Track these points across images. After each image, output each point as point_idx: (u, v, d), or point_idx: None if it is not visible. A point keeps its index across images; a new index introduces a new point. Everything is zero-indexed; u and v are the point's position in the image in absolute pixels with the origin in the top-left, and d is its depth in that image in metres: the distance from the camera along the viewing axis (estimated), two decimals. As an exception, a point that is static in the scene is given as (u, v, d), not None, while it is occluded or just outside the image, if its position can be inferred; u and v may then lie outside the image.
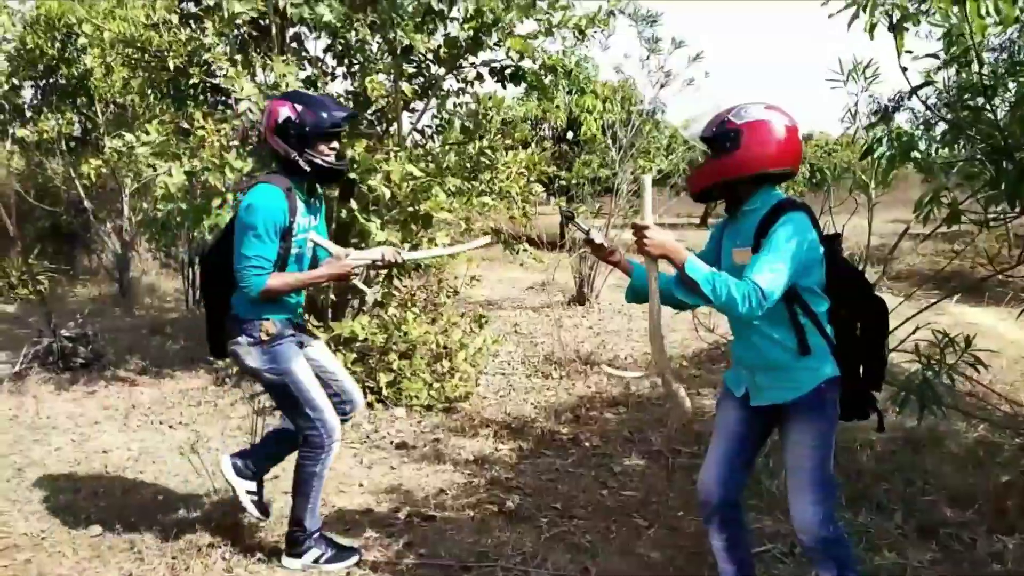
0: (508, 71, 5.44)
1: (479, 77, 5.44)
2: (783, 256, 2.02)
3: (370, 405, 4.77)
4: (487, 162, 5.51)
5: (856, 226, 4.09)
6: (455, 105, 5.68)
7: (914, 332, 3.10)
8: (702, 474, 2.36)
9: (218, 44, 4.64)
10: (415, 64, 5.35)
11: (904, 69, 3.41)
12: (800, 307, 2.13)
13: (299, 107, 2.65)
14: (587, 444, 4.22)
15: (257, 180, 2.78)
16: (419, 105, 5.51)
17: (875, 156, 3.45)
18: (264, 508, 3.01)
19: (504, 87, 5.62)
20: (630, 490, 3.61)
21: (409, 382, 4.93)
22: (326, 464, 2.82)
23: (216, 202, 4.62)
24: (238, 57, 4.80)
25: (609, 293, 8.34)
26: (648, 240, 2.10)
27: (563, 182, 9.35)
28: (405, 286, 5.56)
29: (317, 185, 2.84)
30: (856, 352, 2.21)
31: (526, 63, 5.40)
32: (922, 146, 3.55)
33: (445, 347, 5.25)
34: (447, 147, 5.47)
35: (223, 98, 5.29)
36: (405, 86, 5.11)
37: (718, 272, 2.05)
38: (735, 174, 2.16)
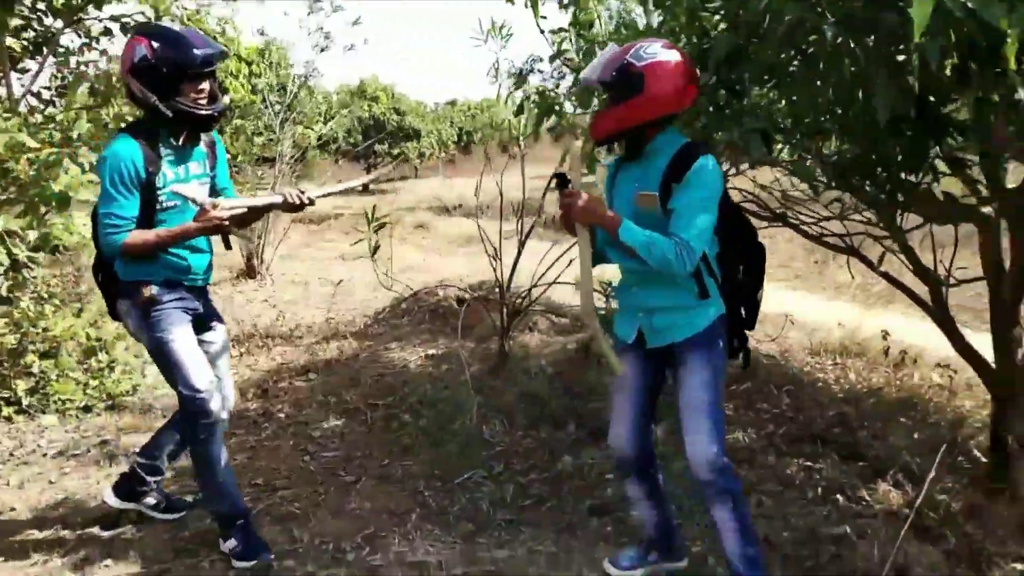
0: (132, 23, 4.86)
1: (108, 32, 4.79)
2: (704, 207, 2.02)
3: (8, 419, 4.05)
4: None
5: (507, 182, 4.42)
6: (80, 64, 4.94)
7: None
8: (614, 431, 2.35)
9: None
10: (23, 15, 4.52)
11: (543, 31, 3.80)
12: None
13: (156, 44, 2.33)
14: (281, 415, 4.08)
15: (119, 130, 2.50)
16: (33, 64, 4.70)
17: (527, 114, 3.81)
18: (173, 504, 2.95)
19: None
20: (332, 451, 3.58)
21: (57, 384, 4.28)
22: (211, 447, 2.58)
23: None
24: None
25: (281, 264, 8.06)
26: (579, 208, 2.03)
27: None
28: (35, 276, 4.78)
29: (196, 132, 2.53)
30: (736, 293, 2.25)
31: (165, 21, 4.88)
32: (568, 106, 3.99)
33: (99, 339, 4.65)
34: (72, 113, 4.75)
35: None
36: (12, 41, 4.31)
37: (651, 235, 2.00)
38: (642, 119, 2.07)
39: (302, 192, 2.53)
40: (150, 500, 2.91)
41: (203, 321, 2.68)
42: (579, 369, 4.41)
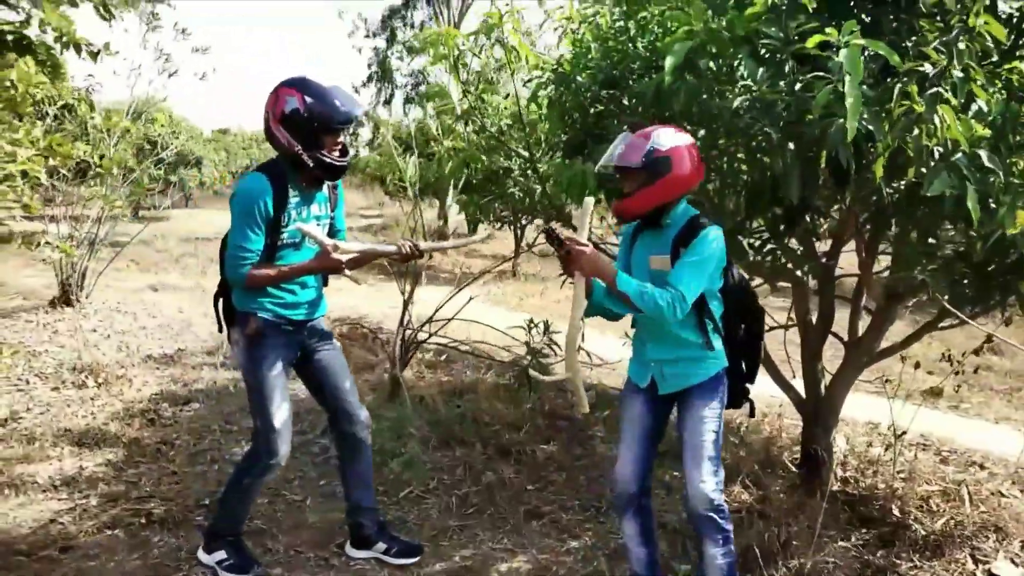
0: (10, 37, 4.60)
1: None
2: (702, 267, 2.29)
3: None
4: (-11, 139, 4.61)
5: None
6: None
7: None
8: (619, 468, 2.51)
9: None
10: None
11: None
12: (705, 310, 2.39)
13: (308, 99, 2.50)
14: (181, 443, 4.07)
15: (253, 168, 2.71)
16: None
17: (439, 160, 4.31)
18: (409, 547, 3.00)
19: (2, 55, 4.73)
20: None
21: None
22: (257, 481, 2.75)
23: None
24: None
25: (101, 293, 7.53)
26: (585, 259, 2.24)
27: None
28: None
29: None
30: (737, 349, 2.53)
31: (32, 31, 4.66)
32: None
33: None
34: None
35: None
36: None
37: (644, 284, 2.26)
38: (670, 196, 2.34)
39: (415, 244, 2.71)
40: (381, 545, 2.96)
41: (311, 350, 2.81)
42: (465, 398, 4.88)
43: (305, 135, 2.53)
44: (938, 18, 2.49)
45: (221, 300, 2.78)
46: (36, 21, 4.41)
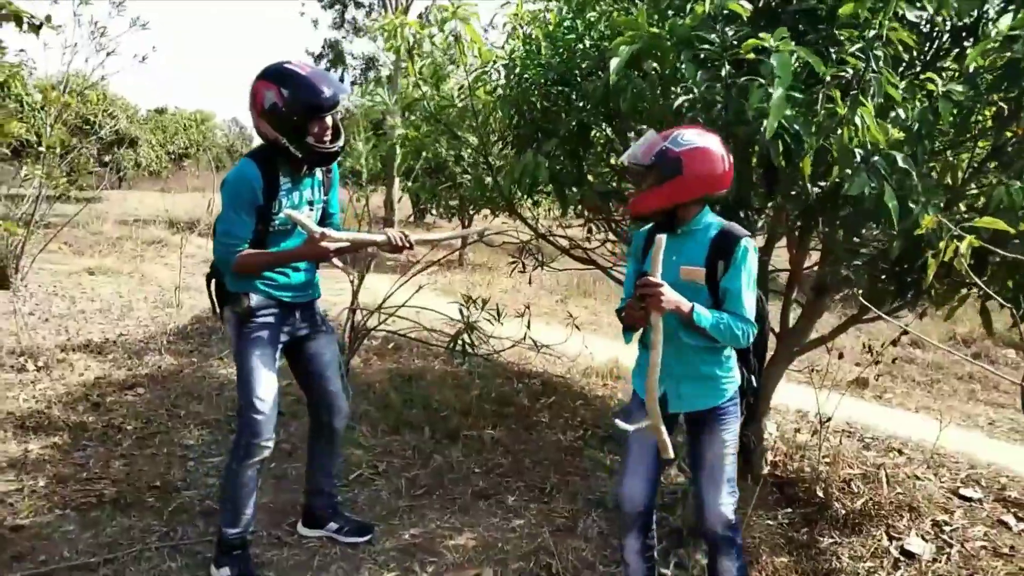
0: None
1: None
2: (753, 287, 2.26)
3: None
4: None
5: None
6: None
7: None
8: (625, 487, 2.42)
9: None
10: None
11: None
12: None
13: (285, 91, 2.45)
14: (130, 428, 4.05)
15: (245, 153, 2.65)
16: None
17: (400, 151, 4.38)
18: (360, 526, 3.07)
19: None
20: (214, 457, 3.73)
21: None
22: (245, 465, 2.64)
23: None
24: None
25: (36, 276, 7.33)
26: (666, 298, 2.12)
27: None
28: None
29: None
30: (744, 365, 2.45)
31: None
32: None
33: None
34: None
35: None
36: None
37: (720, 315, 2.20)
38: (681, 199, 2.26)
39: (405, 235, 2.67)
40: (333, 525, 3.04)
41: (303, 335, 2.83)
42: (409, 386, 4.98)
43: (289, 127, 2.49)
44: (857, 28, 2.68)
45: (214, 281, 2.74)
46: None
